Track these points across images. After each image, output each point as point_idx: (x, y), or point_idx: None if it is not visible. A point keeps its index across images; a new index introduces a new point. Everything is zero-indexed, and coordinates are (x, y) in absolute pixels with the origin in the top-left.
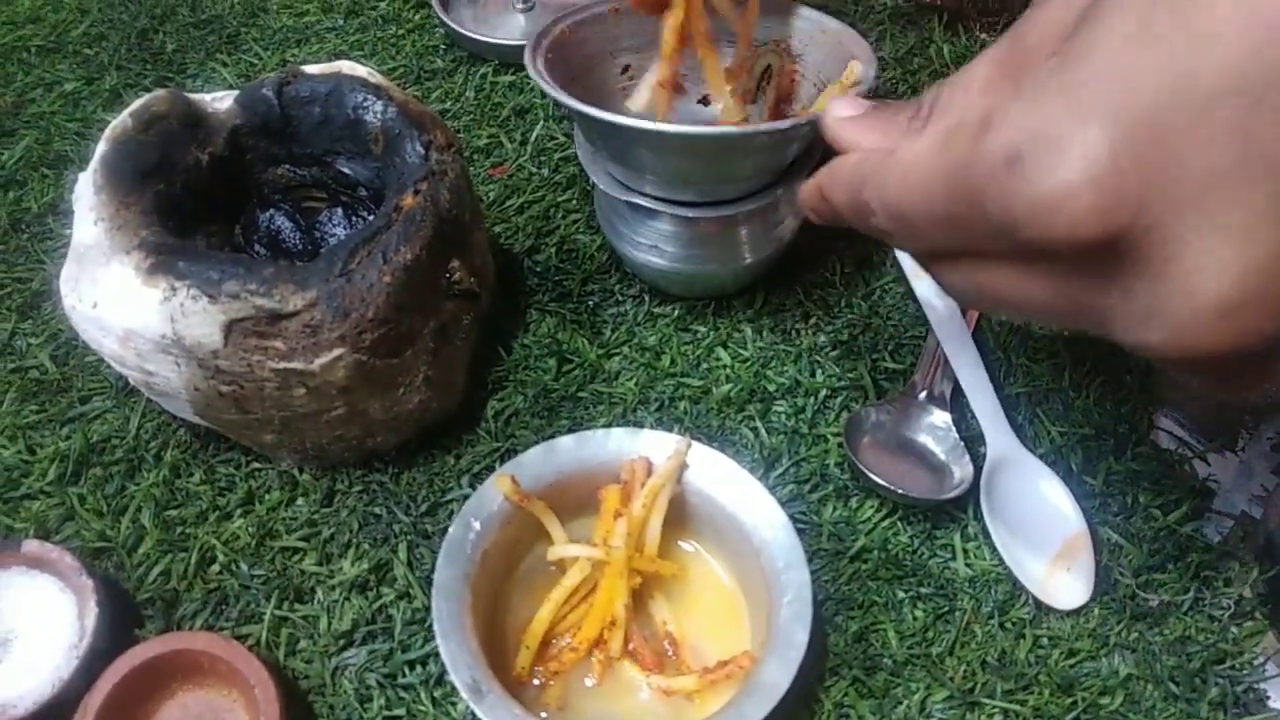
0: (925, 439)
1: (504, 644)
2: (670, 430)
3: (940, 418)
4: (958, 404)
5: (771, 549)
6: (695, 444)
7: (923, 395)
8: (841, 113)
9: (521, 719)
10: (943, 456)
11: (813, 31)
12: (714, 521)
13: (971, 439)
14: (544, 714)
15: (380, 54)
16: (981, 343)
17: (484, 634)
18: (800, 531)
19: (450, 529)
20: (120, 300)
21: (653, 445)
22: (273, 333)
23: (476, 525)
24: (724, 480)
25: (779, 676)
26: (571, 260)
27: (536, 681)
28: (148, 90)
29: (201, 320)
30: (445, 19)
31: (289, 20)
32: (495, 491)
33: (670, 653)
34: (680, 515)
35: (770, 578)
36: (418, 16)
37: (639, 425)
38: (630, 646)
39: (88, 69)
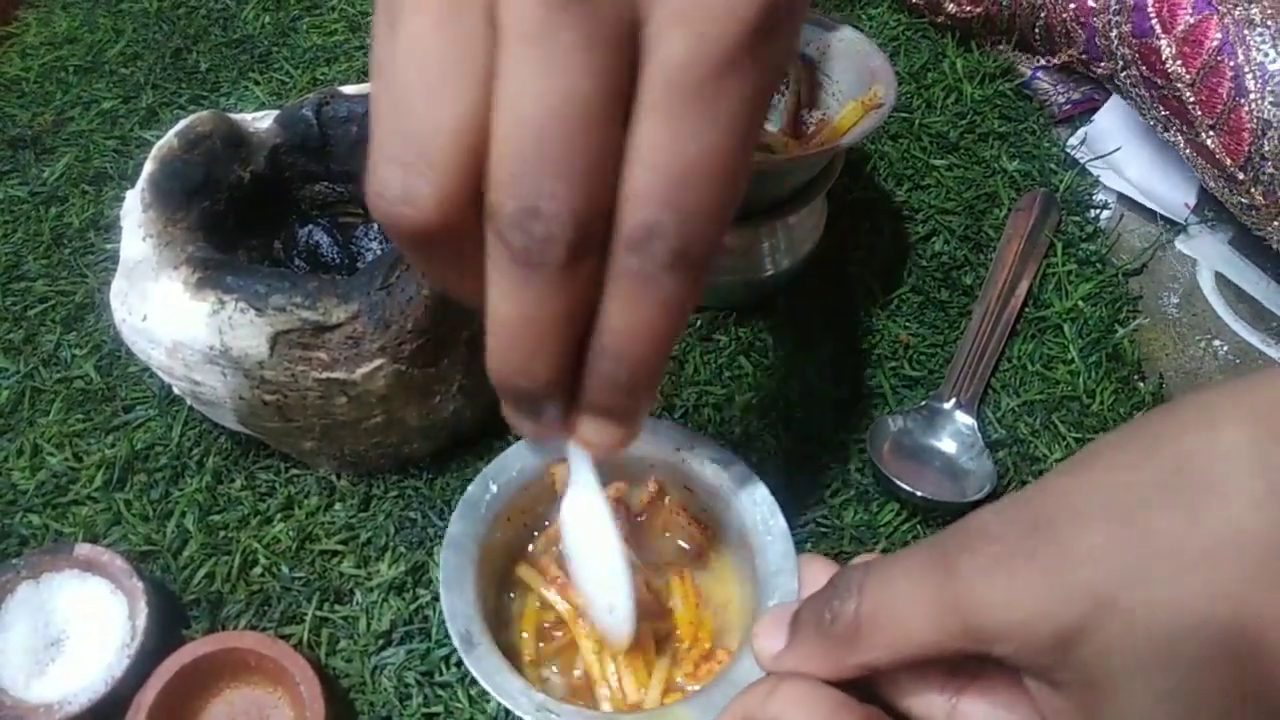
0: (949, 444)
1: (508, 615)
2: None
3: (965, 423)
4: (982, 410)
5: (767, 553)
6: (710, 445)
7: (949, 403)
8: (771, 649)
9: (506, 674)
10: (965, 461)
11: (830, 40)
12: (720, 519)
13: (995, 444)
14: (530, 675)
15: None
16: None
17: (491, 595)
18: (822, 535)
19: (469, 488)
20: (169, 313)
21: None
22: (316, 344)
23: (494, 487)
24: (735, 482)
25: (750, 673)
26: None
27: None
28: (183, 108)
29: (249, 332)
30: None
31: (318, 39)
32: (516, 458)
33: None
34: (690, 509)
35: (762, 580)
36: None
37: None
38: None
39: (124, 88)
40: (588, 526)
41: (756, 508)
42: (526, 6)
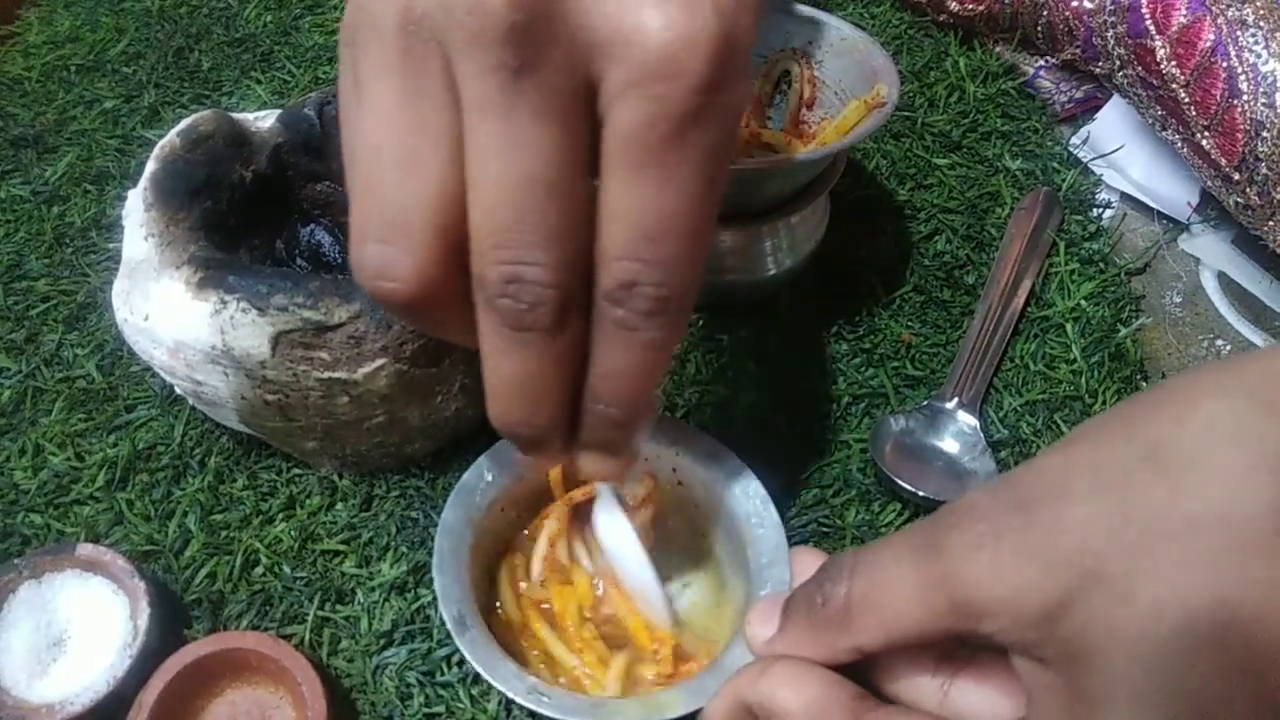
0: (951, 444)
1: (496, 599)
2: None
3: (968, 423)
4: (985, 409)
5: (759, 545)
6: (707, 439)
7: (952, 403)
8: (764, 635)
9: (498, 657)
10: (967, 461)
11: (832, 39)
12: (713, 513)
13: (997, 443)
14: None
15: None
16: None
17: (484, 581)
18: (824, 535)
19: (465, 474)
20: (171, 313)
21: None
22: (318, 344)
23: (489, 476)
24: (728, 476)
25: (742, 661)
26: None
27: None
28: (185, 107)
29: (250, 332)
30: None
31: (320, 38)
32: (512, 448)
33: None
34: (683, 504)
35: (754, 572)
36: None
37: None
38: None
39: (126, 87)
40: (617, 542)
41: (749, 500)
42: (482, 81)
